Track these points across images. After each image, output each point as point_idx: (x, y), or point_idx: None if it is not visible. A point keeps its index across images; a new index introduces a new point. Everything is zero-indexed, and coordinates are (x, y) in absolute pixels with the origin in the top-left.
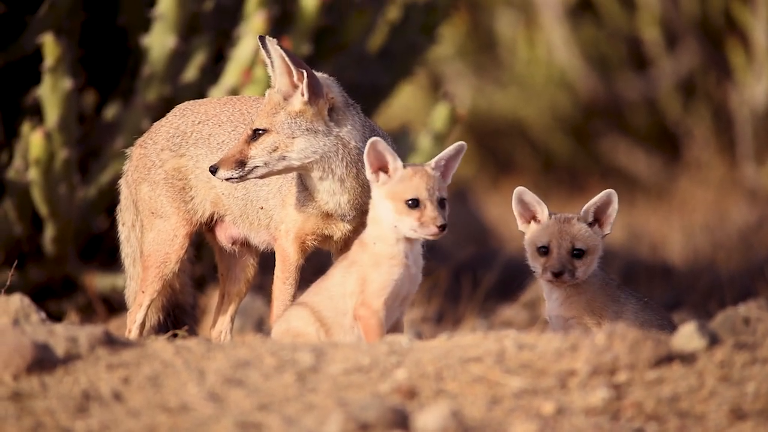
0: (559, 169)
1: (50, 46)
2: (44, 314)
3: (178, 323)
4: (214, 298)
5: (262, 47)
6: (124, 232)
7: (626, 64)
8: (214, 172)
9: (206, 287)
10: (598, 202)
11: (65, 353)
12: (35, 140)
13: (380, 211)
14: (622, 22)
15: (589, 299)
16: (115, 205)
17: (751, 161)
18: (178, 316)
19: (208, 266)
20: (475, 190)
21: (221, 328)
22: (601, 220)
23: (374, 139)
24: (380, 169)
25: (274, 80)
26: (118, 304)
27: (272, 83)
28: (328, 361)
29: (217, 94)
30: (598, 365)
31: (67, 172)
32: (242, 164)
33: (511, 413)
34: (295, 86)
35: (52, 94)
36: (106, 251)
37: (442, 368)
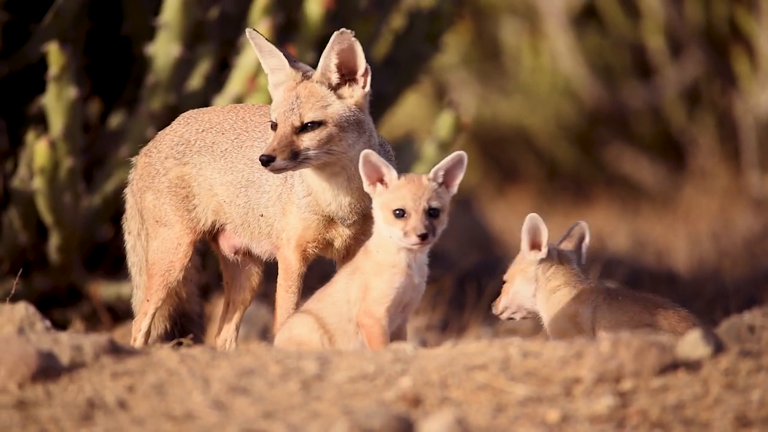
0: (563, 177)
1: (55, 54)
2: (49, 323)
3: (184, 332)
4: (219, 306)
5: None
6: (130, 240)
7: (631, 72)
8: (267, 162)
9: (211, 295)
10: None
11: (70, 362)
12: (40, 149)
13: (376, 221)
14: (626, 30)
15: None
16: (119, 213)
17: (755, 169)
18: (184, 325)
19: (212, 274)
20: (479, 198)
21: (226, 336)
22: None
23: (366, 151)
24: (378, 180)
25: (324, 70)
26: (122, 312)
27: (303, 76)
28: (332, 369)
29: (221, 102)
30: (603, 373)
31: (71, 180)
32: (296, 155)
33: (515, 421)
34: (345, 79)
35: (56, 102)
36: (110, 260)
37: (446, 376)
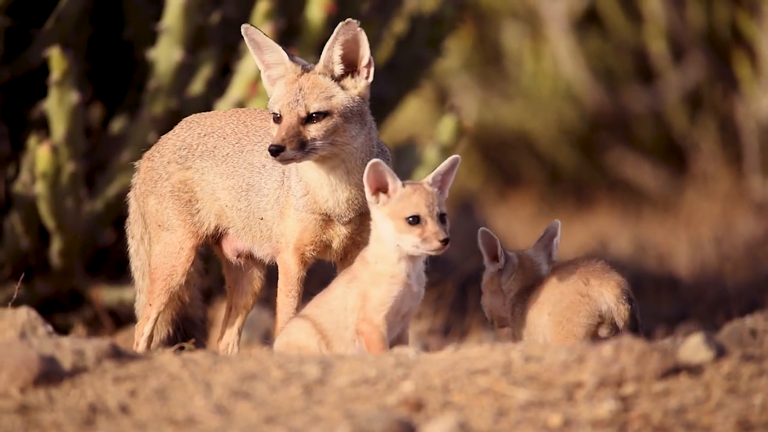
0: (565, 181)
1: (57, 59)
2: (51, 327)
3: (187, 337)
4: (221, 310)
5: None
6: (133, 245)
7: (632, 76)
8: (276, 152)
9: (213, 300)
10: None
11: (72, 366)
12: (42, 154)
13: (382, 231)
14: (628, 34)
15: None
16: (122, 218)
17: (757, 173)
18: (187, 329)
19: (215, 279)
20: (481, 202)
21: (228, 340)
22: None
23: (375, 160)
24: (379, 189)
25: (327, 62)
26: (125, 317)
27: (303, 69)
28: (334, 373)
29: (223, 107)
30: (604, 377)
31: (73, 185)
32: (303, 145)
33: (517, 425)
34: (348, 70)
35: (58, 107)
36: (112, 264)
37: (448, 380)
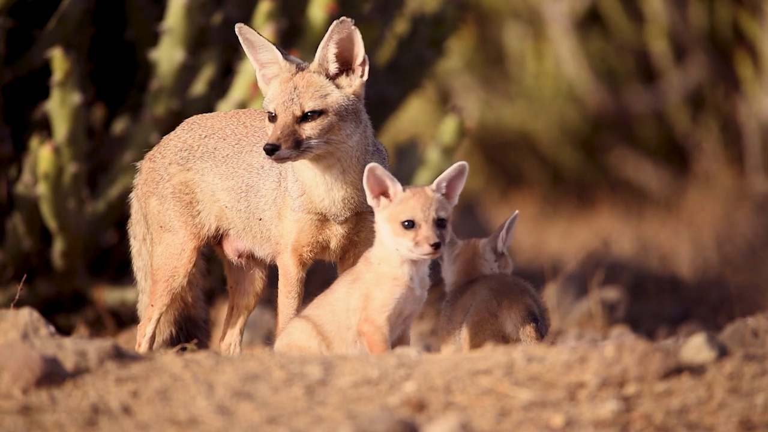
0: (567, 181)
1: (59, 60)
2: (53, 328)
3: (190, 337)
4: (223, 311)
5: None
6: (135, 246)
7: (634, 76)
8: (271, 151)
9: (215, 300)
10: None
11: (74, 367)
12: (44, 155)
13: (382, 234)
14: (630, 34)
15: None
16: (124, 219)
17: (759, 173)
18: (190, 330)
19: (217, 279)
20: (483, 203)
21: (230, 340)
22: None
23: (372, 165)
24: (381, 193)
25: (322, 60)
26: (127, 317)
27: (297, 68)
28: (336, 374)
29: (225, 107)
30: (607, 377)
31: (75, 186)
32: (299, 144)
33: (520, 426)
34: (343, 69)
35: (60, 108)
36: (115, 265)
37: (451, 381)
